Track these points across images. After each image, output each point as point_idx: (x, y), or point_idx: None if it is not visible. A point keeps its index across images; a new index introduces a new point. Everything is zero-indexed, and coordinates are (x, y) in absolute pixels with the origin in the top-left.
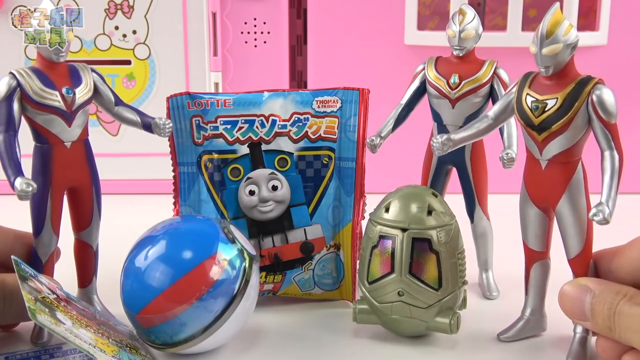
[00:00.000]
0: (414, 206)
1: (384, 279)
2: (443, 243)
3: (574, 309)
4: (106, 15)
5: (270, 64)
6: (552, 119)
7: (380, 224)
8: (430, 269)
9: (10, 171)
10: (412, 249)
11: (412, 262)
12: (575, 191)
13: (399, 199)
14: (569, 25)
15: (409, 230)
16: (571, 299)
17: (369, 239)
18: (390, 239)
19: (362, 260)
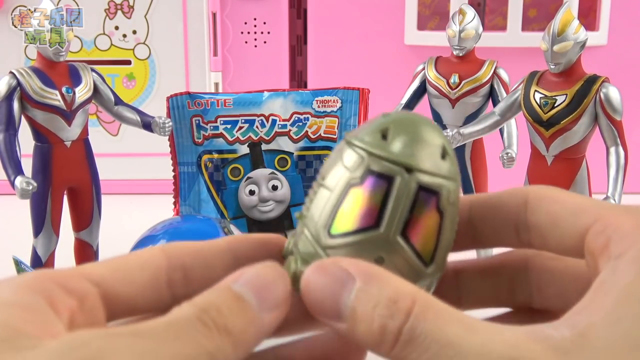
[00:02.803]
0: (426, 142)
1: (359, 235)
2: (451, 204)
3: (324, 300)
4: (106, 15)
5: (270, 64)
6: (561, 114)
7: (372, 155)
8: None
9: (11, 170)
10: (415, 200)
11: (410, 219)
12: (579, 187)
13: (401, 125)
14: (578, 25)
15: (415, 172)
16: (322, 284)
17: (342, 169)
18: (385, 179)
19: (321, 200)
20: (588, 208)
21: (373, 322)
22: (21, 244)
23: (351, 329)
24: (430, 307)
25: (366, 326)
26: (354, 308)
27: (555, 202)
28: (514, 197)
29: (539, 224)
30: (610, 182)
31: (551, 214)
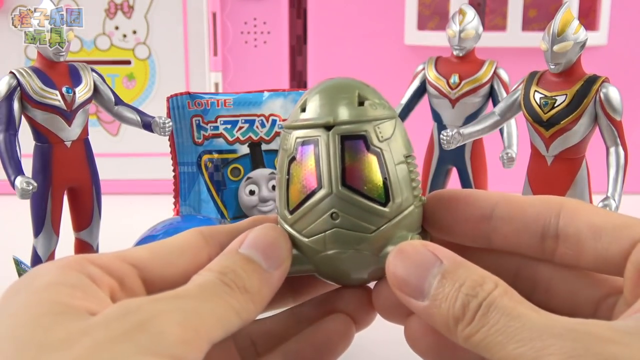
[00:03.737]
0: (339, 97)
1: (310, 200)
2: (385, 141)
3: (410, 278)
4: (106, 15)
5: (270, 64)
6: (561, 114)
7: (295, 128)
8: (372, 175)
9: (11, 170)
10: (343, 150)
11: (345, 168)
12: (579, 188)
13: (317, 93)
14: (578, 25)
15: (335, 127)
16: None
17: (283, 152)
18: (311, 144)
19: (279, 186)
20: (635, 223)
21: (457, 300)
22: (21, 244)
23: (432, 306)
24: (509, 291)
25: (449, 304)
26: (440, 287)
27: (596, 215)
28: (547, 203)
29: (577, 234)
30: (610, 183)
31: (593, 226)
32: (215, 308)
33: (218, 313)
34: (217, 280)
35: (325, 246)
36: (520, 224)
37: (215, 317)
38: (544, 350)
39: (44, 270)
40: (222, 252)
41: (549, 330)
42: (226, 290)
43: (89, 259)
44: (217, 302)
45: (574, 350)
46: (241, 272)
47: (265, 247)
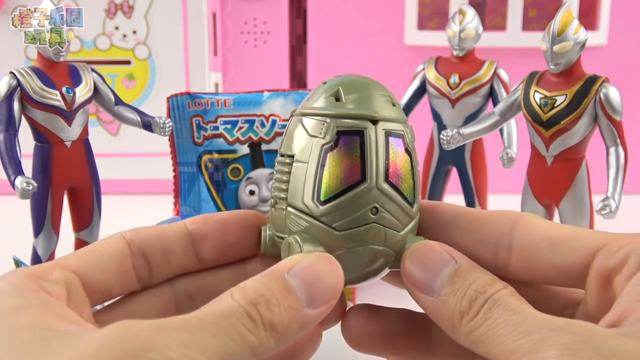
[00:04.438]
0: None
1: (350, 192)
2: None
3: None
4: (106, 15)
5: (270, 64)
6: (561, 114)
7: (335, 117)
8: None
9: (11, 170)
10: (387, 146)
11: (389, 164)
12: (579, 188)
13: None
14: (578, 25)
15: (380, 122)
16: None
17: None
18: (356, 135)
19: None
20: (591, 234)
21: (465, 296)
22: (21, 244)
23: (440, 301)
24: (516, 294)
25: (457, 298)
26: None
27: (551, 228)
28: (503, 217)
29: (531, 247)
30: (610, 183)
31: (548, 238)
32: (227, 344)
33: (228, 350)
34: (242, 312)
35: (357, 241)
36: (476, 235)
37: (222, 354)
38: (542, 342)
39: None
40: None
41: (548, 325)
42: (248, 325)
43: (35, 274)
44: (231, 338)
45: (573, 342)
46: (274, 306)
47: (313, 280)
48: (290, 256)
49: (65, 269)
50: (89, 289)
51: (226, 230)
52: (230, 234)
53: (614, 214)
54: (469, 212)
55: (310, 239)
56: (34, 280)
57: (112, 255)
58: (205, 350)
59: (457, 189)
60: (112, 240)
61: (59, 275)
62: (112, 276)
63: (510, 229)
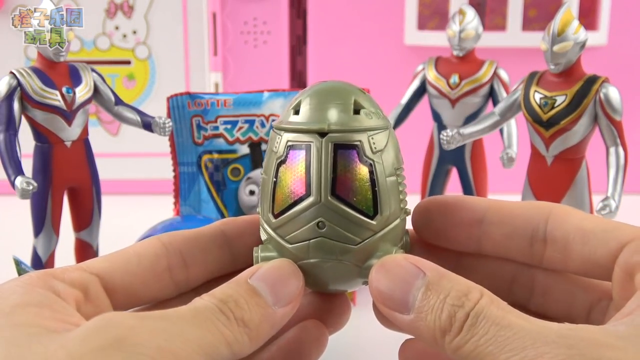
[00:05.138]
0: (335, 103)
1: (296, 206)
2: (378, 152)
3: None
4: (106, 15)
5: (270, 64)
6: (561, 114)
7: (287, 131)
8: (362, 187)
9: (11, 170)
10: (335, 159)
11: (336, 178)
12: (579, 188)
13: (312, 96)
14: (578, 25)
15: (329, 134)
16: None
17: (272, 153)
18: (302, 149)
19: (264, 187)
20: (621, 227)
21: (442, 312)
22: (21, 244)
23: (417, 319)
24: (495, 300)
25: (435, 315)
26: (425, 299)
27: (585, 219)
28: (536, 208)
29: (565, 238)
30: (610, 183)
31: (581, 230)
32: (204, 335)
33: (206, 341)
34: (215, 308)
35: (309, 254)
36: (510, 228)
37: (202, 345)
38: (538, 359)
39: (8, 291)
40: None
41: (541, 338)
42: (222, 319)
43: (51, 274)
44: (207, 330)
45: (570, 357)
46: (243, 304)
47: (275, 282)
48: (253, 265)
49: (85, 271)
50: (112, 291)
51: (256, 228)
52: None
53: (614, 214)
54: (500, 205)
55: (271, 250)
56: (44, 280)
57: (142, 257)
58: (187, 340)
59: (457, 189)
60: (146, 243)
61: (75, 276)
62: (139, 278)
63: (544, 221)
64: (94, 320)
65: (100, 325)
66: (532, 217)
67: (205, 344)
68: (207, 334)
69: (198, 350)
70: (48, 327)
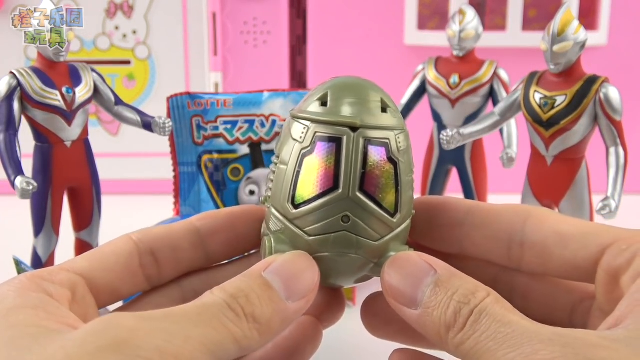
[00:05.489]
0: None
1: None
2: (402, 151)
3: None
4: (106, 15)
5: (270, 64)
6: (561, 115)
7: (314, 122)
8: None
9: (11, 170)
10: (365, 155)
11: (365, 174)
12: (579, 188)
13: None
14: (578, 25)
15: (360, 129)
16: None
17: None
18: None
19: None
20: (602, 230)
21: (449, 308)
22: (21, 244)
23: (424, 314)
24: (501, 300)
25: (441, 311)
26: (433, 295)
27: (563, 223)
28: (514, 212)
29: (543, 242)
30: (610, 183)
31: (560, 234)
32: (210, 334)
33: (212, 340)
34: (224, 304)
35: (329, 247)
36: (488, 231)
37: (206, 343)
38: (533, 355)
39: (2, 294)
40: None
41: (538, 336)
42: (231, 316)
43: (40, 276)
44: (214, 328)
45: (565, 356)
46: (254, 299)
47: (289, 276)
48: (266, 257)
49: (70, 271)
50: (95, 290)
51: (234, 223)
52: (239, 227)
53: (614, 214)
54: (481, 207)
55: (285, 241)
56: (36, 282)
57: (118, 255)
58: (189, 339)
59: (457, 189)
60: (119, 241)
61: (63, 277)
62: (118, 275)
63: (522, 225)
64: (93, 322)
65: (100, 327)
66: (510, 221)
67: (209, 342)
68: (212, 332)
69: (201, 349)
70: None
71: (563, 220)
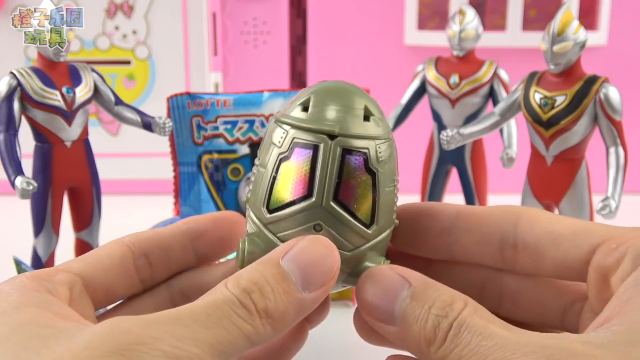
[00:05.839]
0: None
1: (295, 206)
2: (382, 162)
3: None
4: (106, 15)
5: (270, 64)
6: (561, 115)
7: (294, 127)
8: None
9: (11, 170)
10: (342, 164)
11: (340, 183)
12: (579, 188)
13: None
14: (578, 25)
15: (339, 138)
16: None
17: (273, 146)
18: (309, 148)
19: (259, 179)
20: (593, 229)
21: (427, 322)
22: (21, 244)
23: (403, 329)
24: (479, 309)
25: (420, 326)
26: (409, 310)
27: (555, 223)
28: (504, 214)
29: (535, 243)
30: (610, 183)
31: (552, 233)
32: (220, 334)
33: (222, 340)
34: (236, 301)
35: None
36: (479, 235)
37: (216, 345)
38: None
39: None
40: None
41: (521, 348)
42: (242, 313)
43: (39, 276)
44: (224, 327)
45: None
46: (269, 292)
47: (307, 264)
48: (287, 242)
49: (68, 272)
50: (92, 290)
51: (217, 226)
52: (223, 229)
53: (613, 214)
54: (469, 211)
55: (259, 244)
56: (37, 282)
57: (113, 257)
58: (198, 341)
59: (457, 189)
60: (112, 244)
61: (61, 277)
62: (113, 276)
63: (513, 226)
64: (100, 325)
65: (106, 330)
66: (501, 223)
67: (219, 343)
68: (223, 332)
69: (211, 351)
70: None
71: (555, 220)
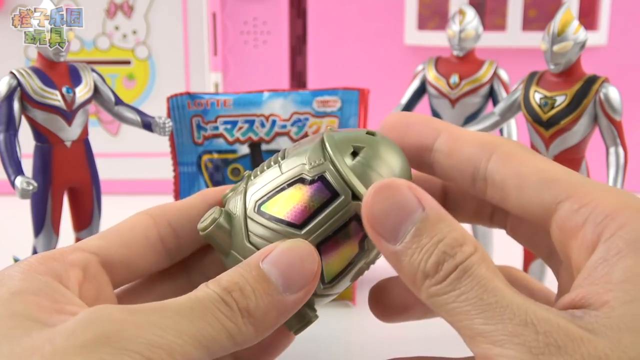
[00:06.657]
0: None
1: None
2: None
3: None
4: (106, 15)
5: (270, 64)
6: (561, 114)
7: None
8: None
9: (11, 170)
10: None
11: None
12: None
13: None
14: (578, 25)
15: (359, 203)
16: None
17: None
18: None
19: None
20: (559, 179)
21: (431, 256)
22: (21, 244)
23: (403, 253)
24: (487, 258)
25: (421, 257)
26: (417, 236)
27: (523, 165)
28: (481, 146)
29: (502, 183)
30: (610, 183)
31: (518, 177)
32: (204, 328)
33: (205, 334)
34: (217, 298)
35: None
36: (455, 161)
37: (199, 338)
38: (514, 338)
39: (7, 277)
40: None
41: (520, 315)
42: (224, 310)
43: (51, 256)
44: (207, 322)
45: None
46: (249, 292)
47: (288, 267)
48: (267, 246)
49: (84, 251)
50: (111, 267)
51: None
52: None
53: None
54: (453, 133)
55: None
56: (45, 264)
57: (134, 230)
58: (182, 333)
59: None
60: (135, 217)
61: (74, 257)
62: (135, 250)
63: (486, 160)
64: (83, 314)
65: (89, 319)
66: (475, 154)
67: (203, 337)
68: (205, 326)
69: (194, 343)
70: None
71: (526, 161)
